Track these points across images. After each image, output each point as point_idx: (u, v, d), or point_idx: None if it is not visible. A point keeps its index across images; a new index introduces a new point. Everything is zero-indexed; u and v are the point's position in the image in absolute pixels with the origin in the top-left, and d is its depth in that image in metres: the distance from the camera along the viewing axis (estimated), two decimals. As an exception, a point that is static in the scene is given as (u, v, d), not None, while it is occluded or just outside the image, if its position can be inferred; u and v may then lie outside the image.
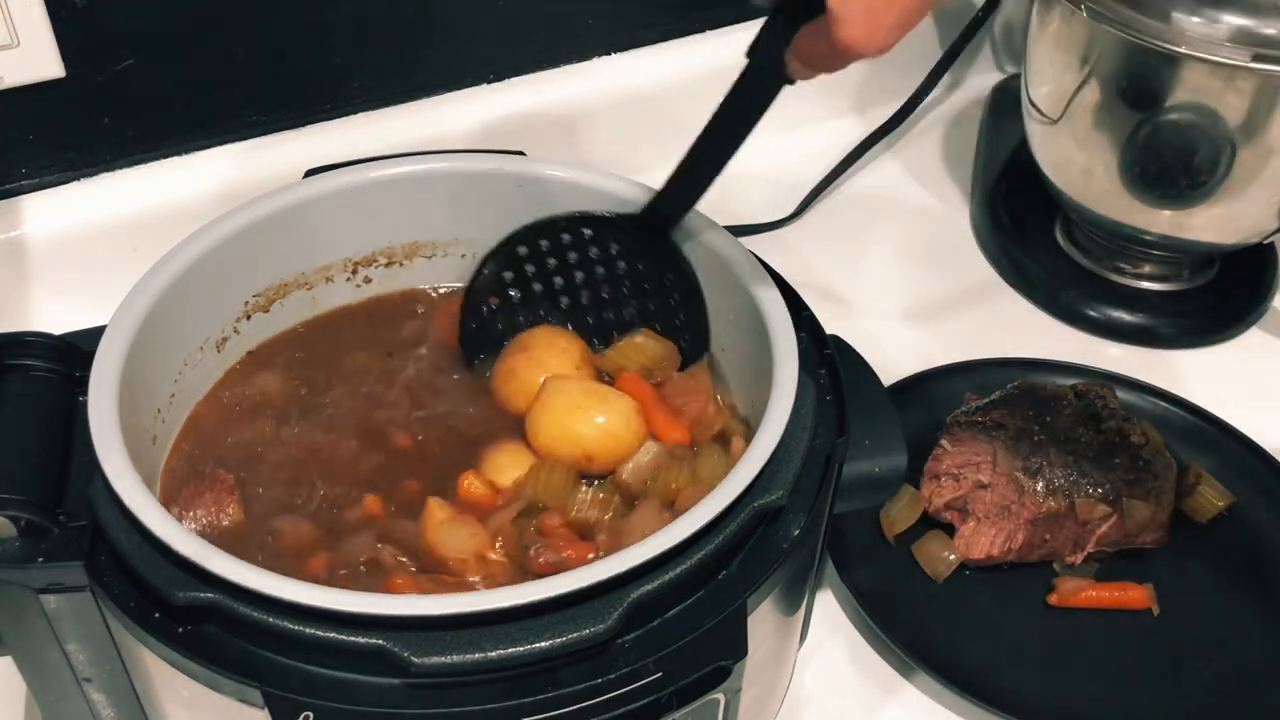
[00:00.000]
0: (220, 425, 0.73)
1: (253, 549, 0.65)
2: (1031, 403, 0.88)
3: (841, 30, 0.57)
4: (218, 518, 0.66)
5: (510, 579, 0.63)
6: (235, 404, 0.74)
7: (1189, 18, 0.91)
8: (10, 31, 0.87)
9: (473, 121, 1.07)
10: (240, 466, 0.70)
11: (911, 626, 0.80)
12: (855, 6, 0.56)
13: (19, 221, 0.94)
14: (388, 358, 0.77)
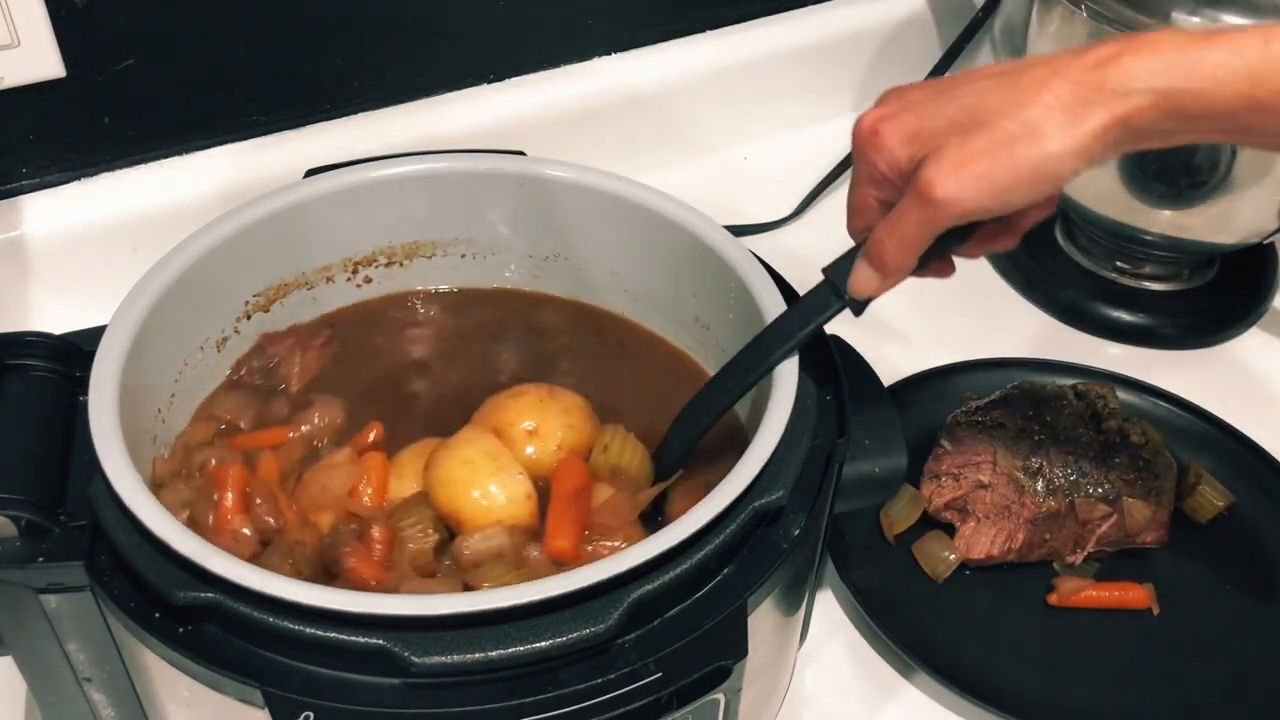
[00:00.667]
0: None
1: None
2: (1031, 403, 0.88)
3: (934, 190, 0.59)
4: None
5: (314, 555, 0.64)
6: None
7: (1189, 18, 0.91)
8: (10, 31, 0.87)
9: (473, 121, 1.07)
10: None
11: (911, 626, 0.80)
12: (945, 166, 0.59)
13: (19, 221, 0.94)
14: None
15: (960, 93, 0.62)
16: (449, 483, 0.67)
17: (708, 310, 0.77)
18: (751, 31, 1.20)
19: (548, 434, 0.70)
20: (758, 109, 1.22)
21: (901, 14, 1.25)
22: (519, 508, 0.66)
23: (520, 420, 0.71)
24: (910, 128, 0.62)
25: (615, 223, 0.78)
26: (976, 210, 0.60)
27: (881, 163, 0.63)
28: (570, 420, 0.72)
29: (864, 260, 0.65)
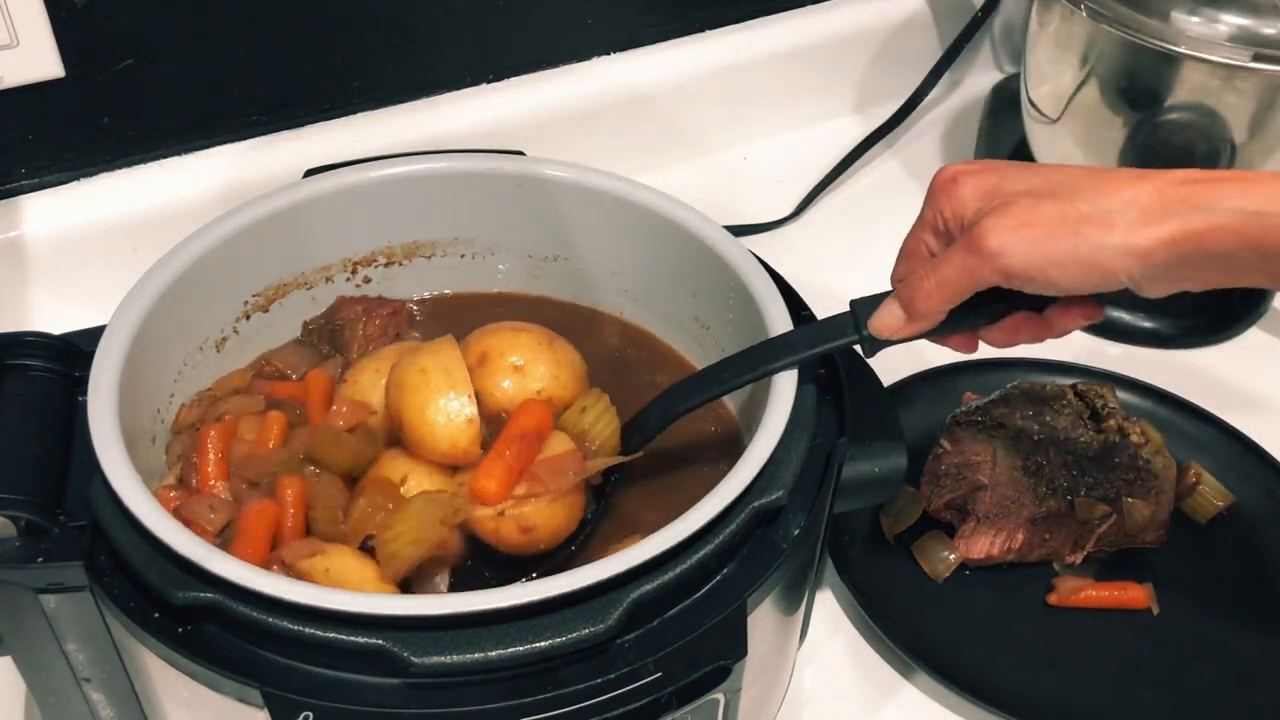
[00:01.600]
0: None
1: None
2: (1031, 403, 0.88)
3: (986, 238, 0.59)
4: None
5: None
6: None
7: (1189, 18, 0.91)
8: (10, 31, 0.87)
9: (472, 121, 1.07)
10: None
11: (911, 626, 0.80)
12: (1005, 221, 0.59)
13: (19, 221, 0.94)
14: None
15: (1049, 171, 0.62)
16: (399, 386, 0.68)
17: (708, 310, 0.77)
18: (751, 31, 1.19)
19: (531, 376, 0.70)
20: (758, 109, 1.22)
21: (901, 14, 1.25)
22: (458, 431, 0.66)
23: (511, 353, 0.70)
24: (989, 185, 0.62)
25: (615, 223, 0.78)
26: (1020, 271, 0.59)
27: (949, 209, 0.63)
28: (559, 373, 0.71)
29: (894, 299, 0.65)
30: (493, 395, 0.70)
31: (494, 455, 0.66)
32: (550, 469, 0.66)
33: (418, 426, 0.66)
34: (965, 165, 0.64)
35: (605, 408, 0.70)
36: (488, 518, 0.65)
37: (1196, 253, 0.57)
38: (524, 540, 0.65)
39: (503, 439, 0.66)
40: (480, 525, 0.65)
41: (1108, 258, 0.58)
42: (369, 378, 0.71)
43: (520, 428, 0.67)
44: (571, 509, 0.67)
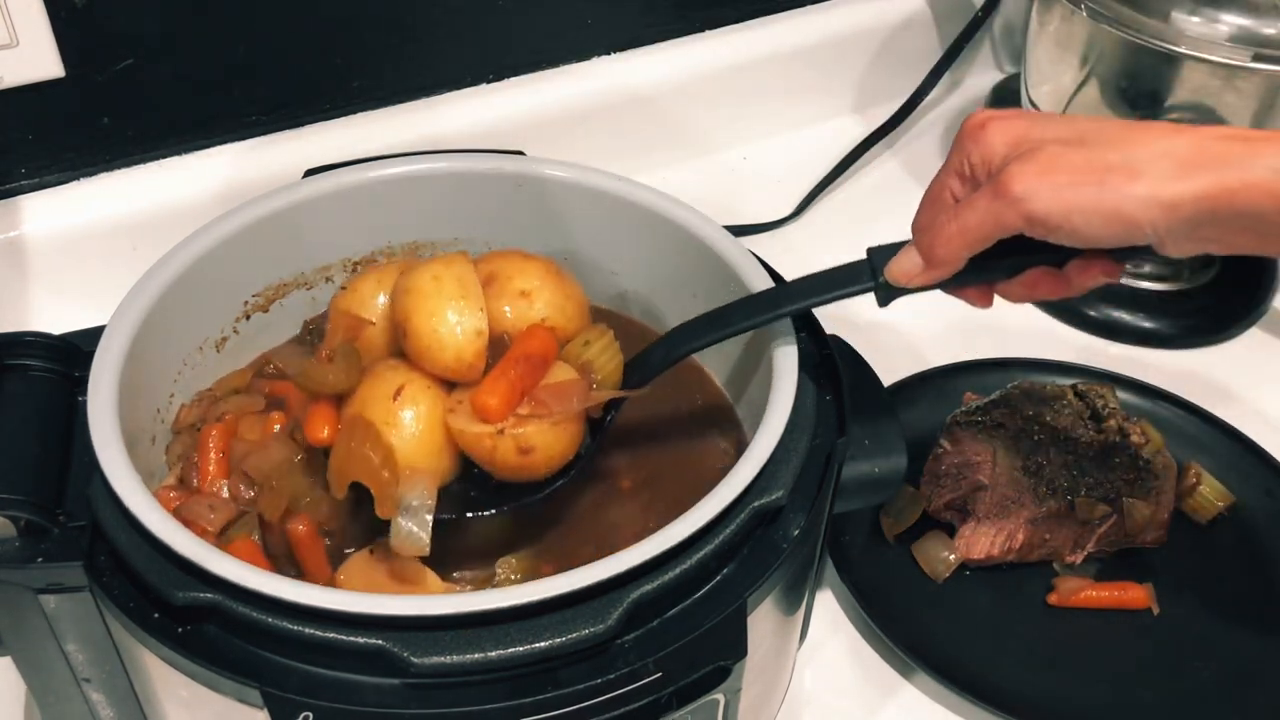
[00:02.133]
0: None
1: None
2: (1031, 403, 0.88)
3: (1012, 183, 0.58)
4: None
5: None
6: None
7: (1189, 18, 0.91)
8: (10, 31, 0.87)
9: (473, 121, 1.07)
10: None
11: (911, 626, 0.80)
12: (1031, 167, 0.58)
13: (19, 221, 0.94)
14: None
15: (1081, 120, 0.61)
16: (408, 291, 0.65)
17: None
18: (751, 31, 1.19)
19: (538, 303, 0.69)
20: (758, 109, 1.22)
21: (901, 14, 1.25)
22: (465, 343, 0.64)
23: (520, 279, 0.69)
24: (1018, 131, 0.61)
25: (615, 223, 0.78)
26: (1043, 218, 0.58)
27: (976, 154, 0.62)
28: (566, 305, 0.70)
29: (913, 246, 0.64)
30: (497, 319, 0.67)
31: (498, 372, 0.64)
32: (554, 393, 0.64)
33: (424, 334, 0.64)
34: (996, 110, 0.63)
35: (609, 342, 0.68)
36: (485, 435, 0.63)
37: (1227, 210, 0.56)
38: (520, 463, 0.63)
39: (508, 358, 0.64)
40: (476, 443, 0.63)
41: (1134, 208, 0.57)
42: (369, 288, 0.69)
43: (525, 350, 0.65)
44: (571, 437, 0.65)
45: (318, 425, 0.65)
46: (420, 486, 0.62)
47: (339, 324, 0.69)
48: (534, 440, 0.63)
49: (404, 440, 0.62)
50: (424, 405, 0.64)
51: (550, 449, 0.64)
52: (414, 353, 0.65)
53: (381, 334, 0.68)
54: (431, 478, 0.63)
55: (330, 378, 0.66)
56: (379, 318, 0.68)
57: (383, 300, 0.69)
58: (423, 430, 0.63)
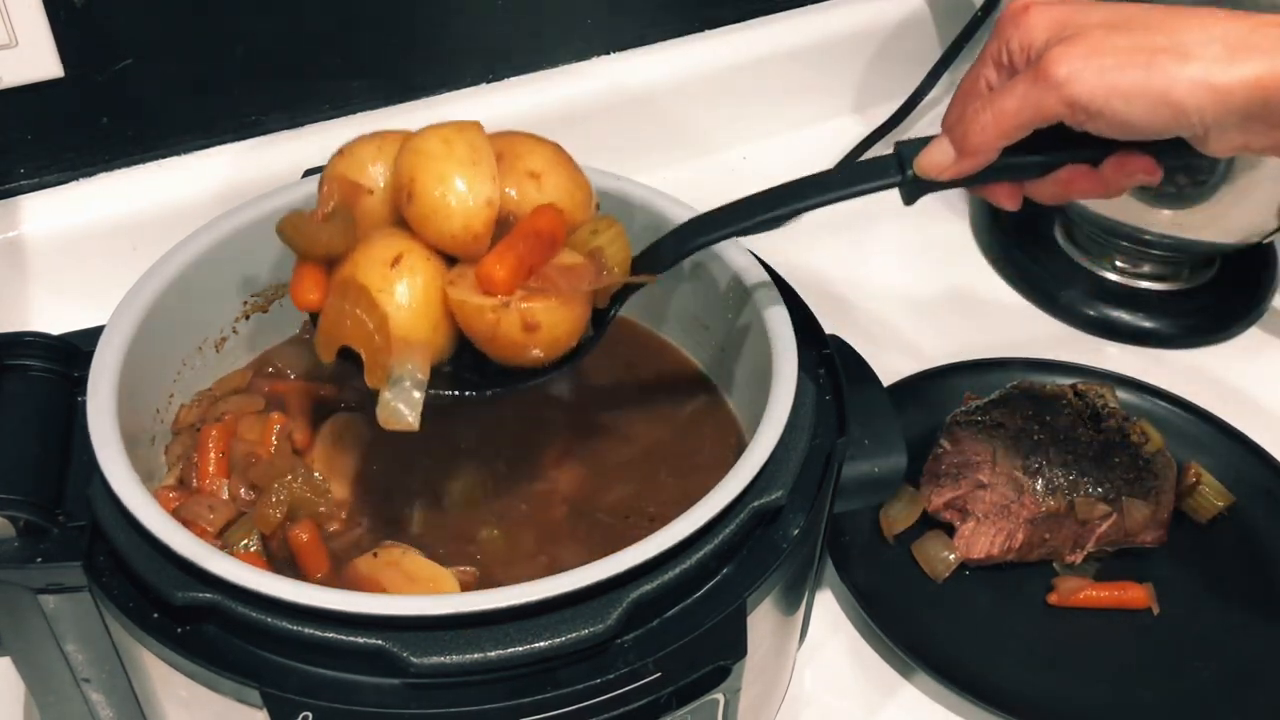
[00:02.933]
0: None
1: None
2: (1031, 402, 0.88)
3: (1054, 66, 0.56)
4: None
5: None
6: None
7: (1189, 17, 0.91)
8: (9, 32, 0.87)
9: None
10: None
11: (911, 626, 0.80)
12: (1075, 50, 0.56)
13: (18, 221, 0.94)
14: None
15: (1126, 6, 0.58)
16: (416, 151, 0.61)
17: (708, 310, 0.77)
18: (751, 31, 1.19)
19: (547, 186, 0.64)
20: (758, 109, 1.22)
21: (901, 14, 1.25)
22: (474, 211, 0.60)
23: (530, 159, 0.64)
24: (1060, 15, 0.59)
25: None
26: (1085, 102, 0.56)
27: (1015, 40, 0.60)
28: (576, 192, 0.65)
29: (944, 136, 0.61)
30: (503, 198, 0.63)
31: (506, 244, 0.60)
32: (563, 272, 0.60)
33: (431, 198, 0.60)
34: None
35: (618, 233, 0.64)
36: (489, 307, 0.59)
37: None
38: (523, 340, 0.60)
39: (517, 232, 0.61)
40: (478, 317, 0.60)
41: (1182, 91, 0.55)
42: (368, 153, 0.64)
43: (535, 226, 0.61)
44: (577, 319, 0.61)
45: (307, 287, 0.62)
46: (413, 358, 0.59)
47: (333, 189, 0.63)
48: (540, 316, 0.59)
49: (399, 309, 0.59)
50: (423, 275, 0.60)
51: (556, 328, 0.60)
52: (417, 218, 0.61)
53: (379, 204, 0.63)
54: (425, 351, 0.60)
55: (324, 236, 0.61)
56: (376, 186, 0.63)
57: (381, 170, 0.63)
58: (420, 301, 0.59)
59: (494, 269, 0.59)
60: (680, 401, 0.77)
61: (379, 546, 0.64)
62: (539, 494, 0.70)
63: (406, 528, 0.68)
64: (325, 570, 0.65)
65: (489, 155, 0.62)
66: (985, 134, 0.59)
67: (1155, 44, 0.55)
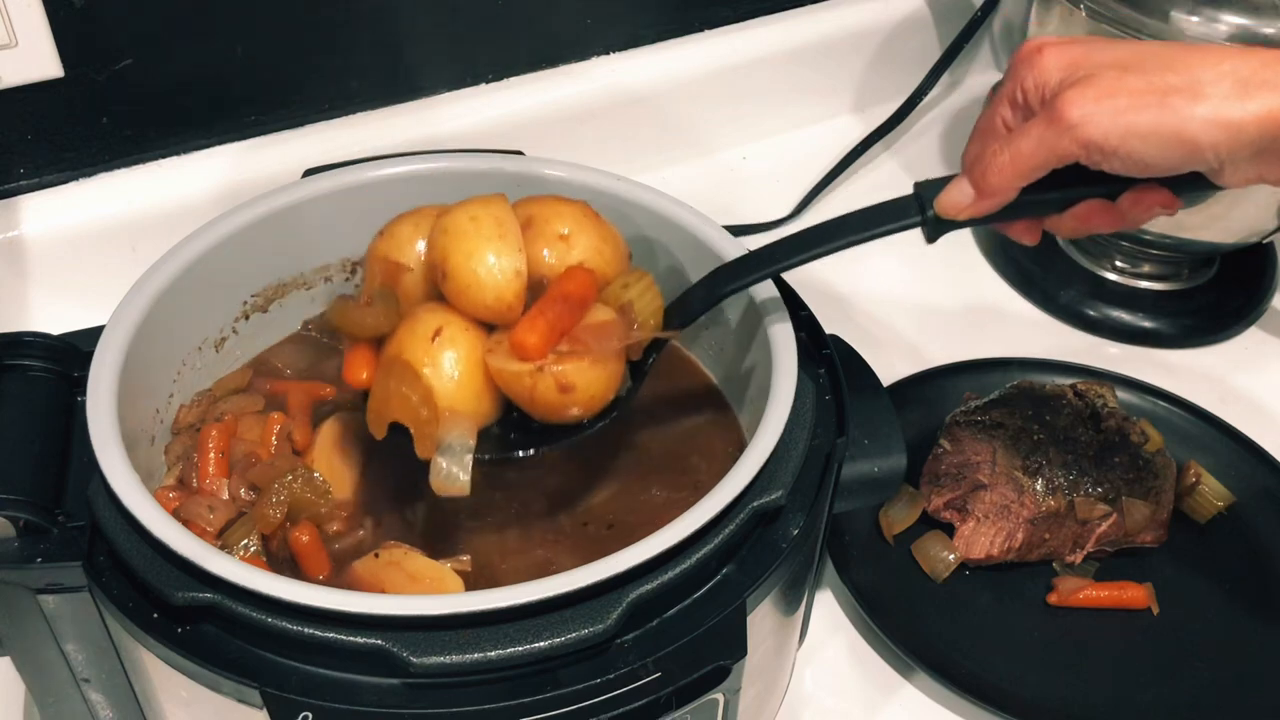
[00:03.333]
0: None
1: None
2: (1031, 402, 0.88)
3: (1068, 109, 0.57)
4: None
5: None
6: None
7: (1188, 17, 0.91)
8: (9, 31, 0.87)
9: (471, 121, 1.07)
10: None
11: (911, 626, 0.80)
12: (1089, 92, 0.57)
13: (18, 221, 0.94)
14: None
15: (1140, 44, 0.59)
16: (447, 231, 0.64)
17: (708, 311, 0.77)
18: (751, 31, 1.19)
19: (576, 247, 0.66)
20: (757, 109, 1.22)
21: (901, 14, 1.25)
22: (504, 284, 0.63)
23: (557, 222, 0.67)
24: (1074, 56, 0.60)
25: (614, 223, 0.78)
26: (1100, 144, 0.57)
27: (1030, 80, 0.61)
28: (604, 248, 0.68)
29: (964, 177, 0.62)
30: (535, 262, 0.66)
31: (536, 311, 0.63)
32: (593, 332, 0.63)
33: (463, 274, 0.63)
34: (1052, 37, 0.62)
35: (649, 285, 0.66)
36: (525, 374, 0.62)
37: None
38: (560, 401, 0.62)
39: (546, 298, 0.63)
40: (515, 382, 0.62)
41: (1196, 129, 0.55)
42: (406, 231, 0.68)
43: (564, 290, 0.64)
44: (611, 376, 0.64)
45: (357, 368, 0.65)
46: (460, 427, 0.62)
47: (376, 269, 0.67)
48: (573, 378, 0.62)
49: (443, 381, 0.62)
50: (463, 347, 0.63)
51: (590, 387, 0.63)
52: (453, 293, 0.64)
53: (419, 280, 0.67)
54: (471, 419, 0.62)
55: (369, 320, 0.65)
56: (416, 264, 0.67)
57: (420, 246, 0.67)
58: (462, 371, 0.62)
59: (526, 336, 0.62)
60: (680, 401, 0.77)
61: (380, 547, 0.64)
62: (539, 493, 0.70)
63: (408, 528, 0.68)
64: (326, 572, 0.65)
65: (514, 227, 0.65)
66: (1003, 175, 0.60)
67: (1167, 83, 0.56)
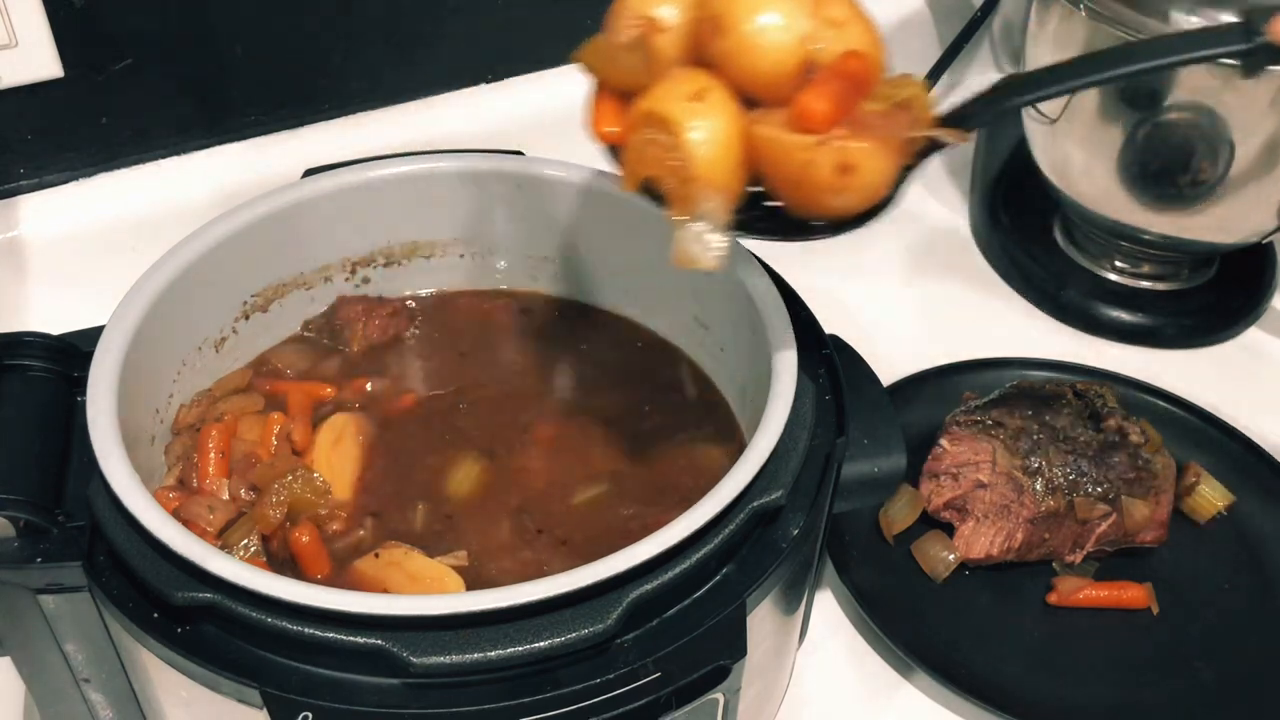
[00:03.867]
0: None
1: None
2: (1031, 402, 0.88)
3: None
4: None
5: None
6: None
7: (1188, 17, 0.91)
8: (9, 32, 0.87)
9: (471, 122, 1.07)
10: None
11: (911, 626, 0.80)
12: None
13: (18, 221, 0.94)
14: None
15: None
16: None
17: (708, 310, 0.77)
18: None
19: (847, 36, 0.60)
20: (757, 109, 1.22)
21: (901, 14, 1.25)
22: (787, 49, 0.57)
23: (829, 8, 0.60)
24: None
25: (614, 223, 0.78)
26: None
27: None
28: (876, 41, 0.62)
29: None
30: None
31: (823, 79, 0.56)
32: (881, 118, 0.57)
33: (743, 30, 0.57)
34: None
35: (923, 88, 0.60)
36: (804, 145, 0.56)
37: None
38: (833, 182, 0.56)
39: (830, 71, 0.57)
40: (788, 156, 0.56)
41: None
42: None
43: (846, 67, 0.57)
44: (891, 168, 0.58)
45: (606, 118, 0.61)
46: (714, 197, 0.57)
47: (627, 25, 0.61)
48: (858, 158, 0.56)
49: (701, 145, 0.56)
50: (725, 114, 0.57)
51: (872, 173, 0.57)
52: (725, 52, 0.57)
53: (674, 41, 0.60)
54: (725, 192, 0.57)
55: (625, 62, 0.59)
56: (672, 22, 0.60)
57: (672, 10, 0.60)
58: (722, 139, 0.57)
59: (814, 103, 0.55)
60: (680, 401, 0.77)
61: (381, 547, 0.64)
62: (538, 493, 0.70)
63: (408, 528, 0.68)
64: (327, 572, 0.65)
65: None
66: None
67: None
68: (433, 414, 0.75)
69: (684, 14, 0.60)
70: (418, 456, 0.72)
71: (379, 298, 0.80)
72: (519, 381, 0.78)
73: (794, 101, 0.56)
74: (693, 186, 0.57)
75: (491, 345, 0.80)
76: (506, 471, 0.71)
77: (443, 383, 0.77)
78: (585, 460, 0.72)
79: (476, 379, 0.78)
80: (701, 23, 0.59)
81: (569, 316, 0.82)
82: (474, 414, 0.75)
